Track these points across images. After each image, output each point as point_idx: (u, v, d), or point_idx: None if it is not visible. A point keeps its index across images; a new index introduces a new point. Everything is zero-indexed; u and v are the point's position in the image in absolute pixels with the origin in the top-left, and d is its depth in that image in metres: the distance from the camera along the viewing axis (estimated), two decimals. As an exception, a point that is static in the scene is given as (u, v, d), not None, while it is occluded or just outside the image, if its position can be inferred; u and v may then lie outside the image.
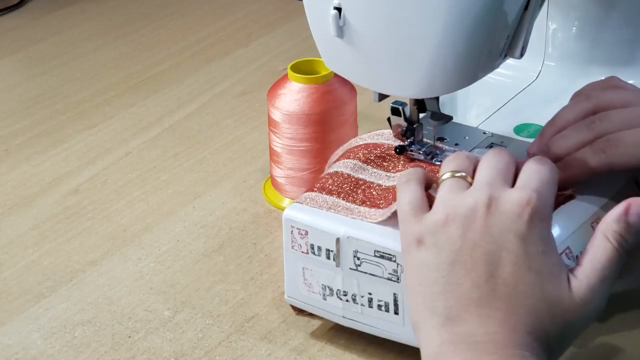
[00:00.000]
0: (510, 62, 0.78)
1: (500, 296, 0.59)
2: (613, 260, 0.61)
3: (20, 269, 0.89)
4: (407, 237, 0.64)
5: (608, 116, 0.75)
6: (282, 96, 0.92)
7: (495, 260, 0.60)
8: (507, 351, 0.57)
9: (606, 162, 0.73)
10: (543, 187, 0.62)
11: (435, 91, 0.76)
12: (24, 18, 1.44)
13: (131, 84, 1.23)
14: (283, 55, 1.28)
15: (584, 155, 0.74)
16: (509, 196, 0.61)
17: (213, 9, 1.45)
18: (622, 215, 0.62)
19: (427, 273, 0.61)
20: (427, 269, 0.61)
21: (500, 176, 0.63)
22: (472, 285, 0.59)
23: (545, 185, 0.62)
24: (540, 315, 0.59)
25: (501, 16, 0.71)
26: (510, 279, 0.59)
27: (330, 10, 0.73)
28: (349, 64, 0.76)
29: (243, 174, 1.01)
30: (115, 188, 1.00)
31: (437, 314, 0.60)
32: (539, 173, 0.63)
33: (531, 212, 0.61)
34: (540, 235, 0.61)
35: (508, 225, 0.60)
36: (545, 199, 0.62)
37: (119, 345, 0.79)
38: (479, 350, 0.58)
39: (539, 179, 0.63)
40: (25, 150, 1.08)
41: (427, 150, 0.80)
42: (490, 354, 0.57)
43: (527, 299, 0.59)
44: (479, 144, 0.85)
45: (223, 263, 0.88)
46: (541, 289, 0.59)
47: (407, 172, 0.68)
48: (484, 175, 0.64)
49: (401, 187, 0.67)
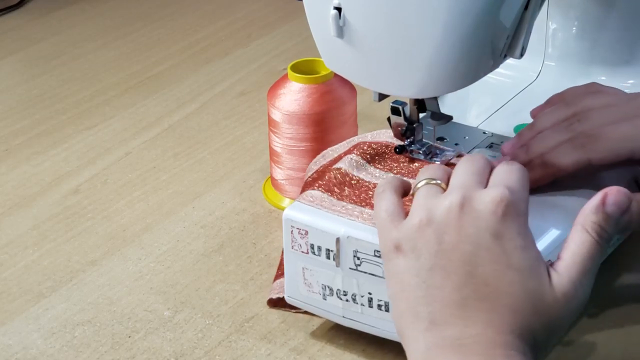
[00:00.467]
0: (510, 62, 0.78)
1: (482, 297, 0.59)
2: (593, 252, 0.61)
3: (20, 269, 0.89)
4: (385, 245, 0.64)
5: (588, 117, 0.75)
6: (282, 96, 0.92)
7: (474, 261, 0.60)
8: (493, 352, 0.57)
9: (585, 157, 0.74)
10: (515, 184, 0.62)
11: (435, 91, 0.76)
12: (24, 18, 1.44)
13: (131, 84, 1.23)
14: (283, 55, 1.28)
15: (564, 151, 0.75)
16: (482, 195, 0.62)
17: (213, 9, 1.45)
18: (600, 205, 0.62)
19: (408, 279, 0.61)
20: (407, 274, 0.61)
21: (474, 178, 0.63)
22: (453, 288, 0.59)
23: (517, 182, 0.63)
24: (524, 313, 0.59)
25: (501, 16, 0.71)
26: (490, 279, 0.59)
27: (330, 10, 0.73)
28: (349, 64, 0.76)
29: (243, 174, 1.01)
30: (115, 188, 1.00)
31: (421, 319, 0.60)
32: (509, 173, 0.63)
33: (505, 209, 0.61)
34: (517, 230, 0.61)
35: (483, 223, 0.60)
36: (519, 194, 0.62)
37: (119, 345, 0.79)
38: (465, 353, 0.58)
39: (510, 177, 0.63)
40: (25, 150, 1.08)
41: (427, 150, 0.80)
42: (476, 355, 0.57)
43: (509, 298, 0.59)
44: (479, 143, 0.85)
45: (223, 263, 0.88)
46: (523, 286, 0.59)
47: (383, 182, 0.68)
48: (458, 179, 0.64)
49: (377, 196, 0.67)
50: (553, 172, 0.75)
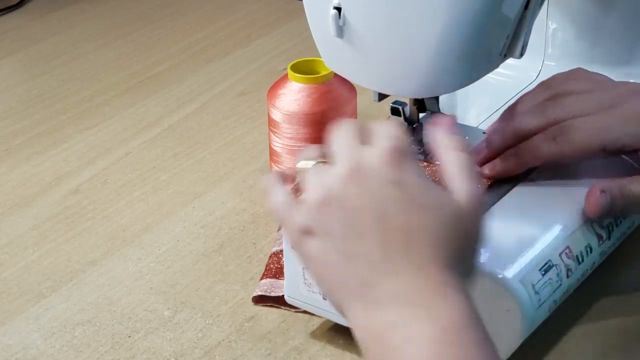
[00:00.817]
0: (510, 62, 0.78)
1: (403, 244, 0.58)
2: (471, 164, 0.63)
3: (20, 269, 0.89)
4: (293, 233, 0.63)
5: (562, 103, 0.77)
6: (282, 96, 0.92)
7: (383, 214, 0.59)
8: (429, 295, 0.57)
9: (557, 149, 0.75)
10: (396, 135, 0.63)
11: (435, 91, 0.76)
12: (24, 18, 1.44)
13: (131, 84, 1.23)
14: (283, 55, 1.28)
15: (537, 143, 0.76)
16: (371, 152, 0.62)
17: (213, 9, 1.45)
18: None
19: (327, 257, 0.61)
20: (325, 253, 0.61)
21: (354, 142, 0.63)
22: (373, 246, 0.59)
23: (396, 133, 0.63)
24: (447, 243, 0.59)
25: (501, 16, 0.71)
26: (405, 224, 0.59)
27: (330, 10, 0.73)
28: (349, 64, 0.76)
29: (243, 174, 1.01)
30: (115, 188, 1.00)
31: (353, 288, 0.59)
32: (387, 128, 0.63)
33: (397, 156, 0.61)
34: (414, 172, 0.61)
35: (381, 177, 0.60)
36: (403, 142, 0.62)
37: (119, 345, 0.79)
38: (404, 303, 0.57)
39: (389, 130, 0.63)
40: (25, 150, 1.08)
41: (427, 150, 0.80)
42: (415, 305, 0.57)
43: (429, 236, 0.59)
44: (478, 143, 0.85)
45: (223, 263, 0.88)
46: (437, 219, 0.59)
47: (267, 180, 0.68)
48: (339, 147, 0.64)
49: (268, 194, 0.66)
50: (526, 162, 0.77)
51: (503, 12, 0.71)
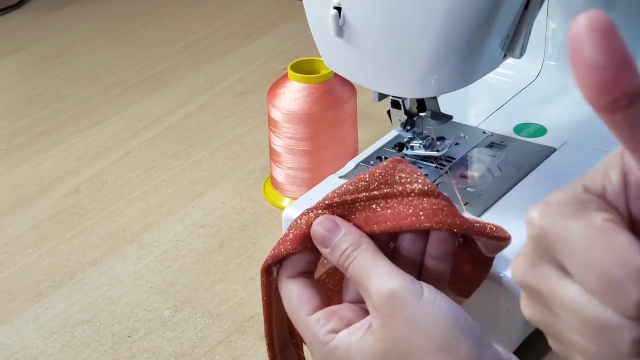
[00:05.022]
0: (510, 62, 0.78)
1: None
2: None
3: (20, 269, 0.89)
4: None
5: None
6: (282, 96, 0.92)
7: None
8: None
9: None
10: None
11: (435, 91, 0.76)
12: (24, 18, 1.44)
13: (131, 84, 1.23)
14: (283, 55, 1.28)
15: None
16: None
17: (213, 9, 1.45)
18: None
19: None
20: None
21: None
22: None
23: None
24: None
25: (501, 16, 0.71)
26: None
27: (330, 10, 0.73)
28: (349, 64, 0.76)
29: (243, 174, 1.01)
30: (115, 188, 1.00)
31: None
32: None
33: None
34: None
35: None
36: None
37: (119, 345, 0.79)
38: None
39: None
40: (25, 150, 1.09)
41: (428, 144, 0.81)
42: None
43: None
44: (479, 143, 0.85)
45: (223, 263, 0.88)
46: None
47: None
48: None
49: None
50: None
51: (503, 12, 0.71)
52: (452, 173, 0.81)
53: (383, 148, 0.85)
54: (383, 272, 0.58)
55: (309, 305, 0.61)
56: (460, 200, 0.77)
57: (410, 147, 0.82)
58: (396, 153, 0.83)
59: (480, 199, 0.78)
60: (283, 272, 0.63)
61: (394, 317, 0.56)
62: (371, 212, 0.63)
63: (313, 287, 0.63)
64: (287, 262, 0.63)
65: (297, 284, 0.63)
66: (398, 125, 0.81)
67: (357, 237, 0.61)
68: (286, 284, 0.63)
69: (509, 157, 0.83)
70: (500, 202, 0.77)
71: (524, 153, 0.83)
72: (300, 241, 0.62)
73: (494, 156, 0.83)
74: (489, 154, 0.84)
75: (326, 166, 0.90)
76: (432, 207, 0.62)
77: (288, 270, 0.63)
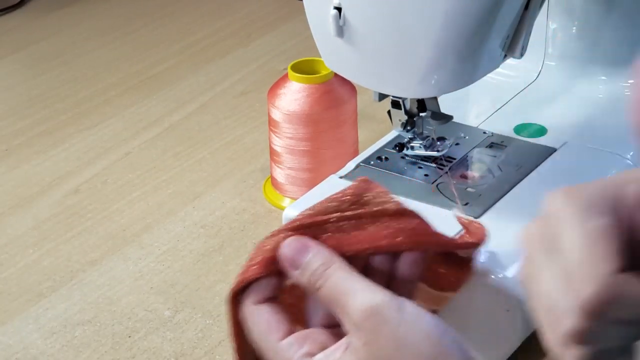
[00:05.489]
0: (510, 62, 0.78)
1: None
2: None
3: (20, 269, 0.89)
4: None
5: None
6: (282, 96, 0.92)
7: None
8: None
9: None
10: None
11: (435, 91, 0.76)
12: (24, 18, 1.44)
13: (131, 84, 1.23)
14: (283, 55, 1.28)
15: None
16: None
17: (213, 9, 1.45)
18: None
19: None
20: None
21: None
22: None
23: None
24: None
25: (501, 16, 0.71)
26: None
27: (330, 10, 0.73)
28: (349, 64, 0.76)
29: (243, 174, 1.01)
30: (115, 188, 1.00)
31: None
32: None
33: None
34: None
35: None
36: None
37: (119, 345, 0.79)
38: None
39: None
40: (25, 150, 1.08)
41: (428, 144, 0.81)
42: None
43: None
44: (479, 143, 0.85)
45: (223, 263, 0.88)
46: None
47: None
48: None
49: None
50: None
51: (503, 12, 0.71)
52: (452, 173, 0.81)
53: (383, 148, 0.85)
54: (360, 288, 0.57)
55: (278, 331, 0.59)
56: (458, 201, 0.77)
57: (410, 147, 0.82)
58: (396, 153, 0.83)
59: (480, 199, 0.78)
60: (248, 297, 0.61)
61: (377, 333, 0.55)
62: (344, 233, 0.61)
63: (281, 312, 0.60)
64: (253, 287, 0.61)
65: (264, 309, 0.60)
66: (398, 125, 0.81)
67: (328, 256, 0.59)
68: (252, 310, 0.60)
69: (509, 157, 0.83)
70: (500, 202, 0.77)
71: (524, 153, 0.83)
72: (266, 264, 0.60)
73: (494, 156, 0.83)
74: (489, 154, 0.84)
75: (326, 166, 0.90)
76: (408, 227, 0.61)
77: (254, 295, 0.61)
